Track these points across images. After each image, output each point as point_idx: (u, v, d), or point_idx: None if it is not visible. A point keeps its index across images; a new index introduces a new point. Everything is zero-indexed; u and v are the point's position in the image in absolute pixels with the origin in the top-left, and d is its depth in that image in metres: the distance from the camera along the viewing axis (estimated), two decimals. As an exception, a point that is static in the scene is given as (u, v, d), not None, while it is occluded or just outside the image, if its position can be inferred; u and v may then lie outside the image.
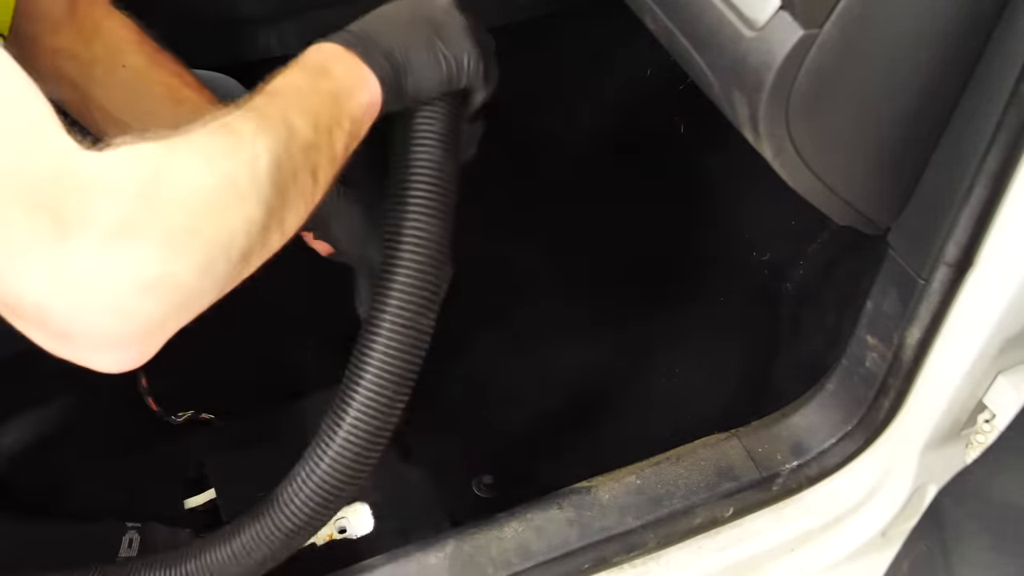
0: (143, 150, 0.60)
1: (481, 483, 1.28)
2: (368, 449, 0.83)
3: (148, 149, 0.60)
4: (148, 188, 0.58)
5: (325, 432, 0.84)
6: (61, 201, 0.55)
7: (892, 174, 0.89)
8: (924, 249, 0.89)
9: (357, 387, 0.82)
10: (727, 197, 1.61)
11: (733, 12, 0.80)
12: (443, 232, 0.87)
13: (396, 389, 0.84)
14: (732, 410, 1.30)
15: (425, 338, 0.85)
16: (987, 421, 1.01)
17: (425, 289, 0.84)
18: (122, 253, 0.56)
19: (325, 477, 0.83)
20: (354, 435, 0.83)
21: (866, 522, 1.08)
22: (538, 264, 1.57)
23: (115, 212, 0.56)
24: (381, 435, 0.84)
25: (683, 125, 1.73)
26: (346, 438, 0.83)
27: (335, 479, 0.83)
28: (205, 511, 1.13)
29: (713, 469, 1.03)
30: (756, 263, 1.52)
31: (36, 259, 0.55)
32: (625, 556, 0.99)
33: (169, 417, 1.27)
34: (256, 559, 0.84)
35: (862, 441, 1.04)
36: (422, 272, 0.84)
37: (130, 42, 1.03)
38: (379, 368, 0.83)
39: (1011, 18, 0.77)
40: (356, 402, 0.82)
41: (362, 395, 0.82)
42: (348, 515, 1.12)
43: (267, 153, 0.66)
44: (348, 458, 0.83)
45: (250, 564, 0.85)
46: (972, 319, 0.91)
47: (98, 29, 1.02)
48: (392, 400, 0.83)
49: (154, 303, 0.59)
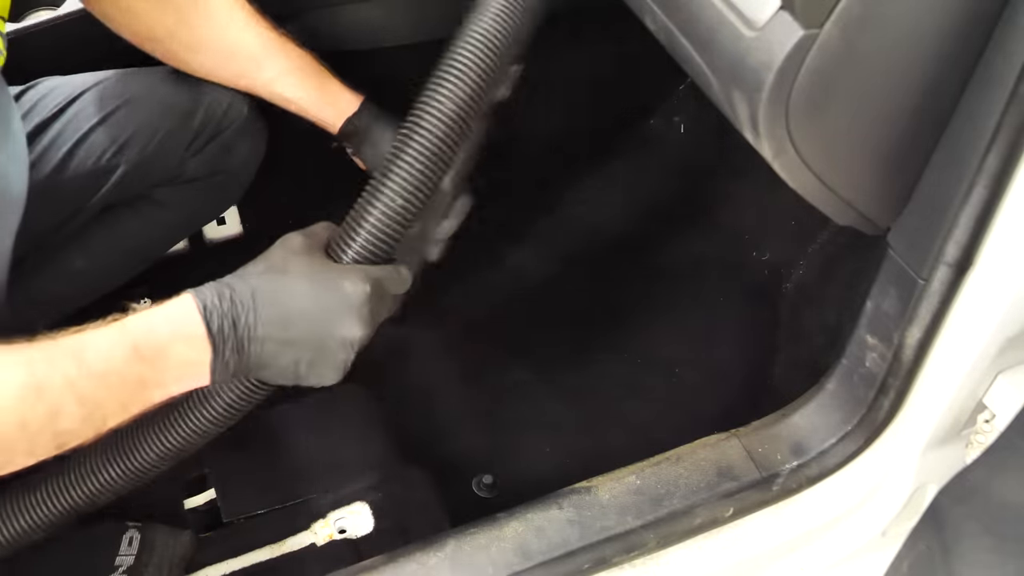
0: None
1: (481, 483, 1.28)
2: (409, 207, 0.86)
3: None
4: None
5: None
6: None
7: (892, 174, 0.89)
8: (924, 249, 0.89)
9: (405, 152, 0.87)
10: (727, 197, 1.61)
11: (733, 12, 0.80)
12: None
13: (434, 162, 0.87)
14: (732, 410, 1.30)
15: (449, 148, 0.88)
16: (987, 421, 1.01)
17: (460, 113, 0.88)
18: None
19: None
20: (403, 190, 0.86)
21: (866, 522, 1.08)
22: (537, 264, 1.57)
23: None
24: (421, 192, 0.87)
25: (683, 125, 1.73)
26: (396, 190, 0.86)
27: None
28: (205, 511, 1.13)
29: (713, 469, 1.03)
30: (756, 263, 1.52)
31: None
32: (625, 556, 0.99)
33: (169, 417, 1.27)
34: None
35: (862, 441, 1.04)
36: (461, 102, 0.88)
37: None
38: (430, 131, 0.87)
39: (1011, 18, 0.77)
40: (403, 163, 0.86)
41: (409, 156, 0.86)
42: (348, 515, 1.12)
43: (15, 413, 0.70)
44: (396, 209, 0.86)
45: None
46: (972, 319, 0.91)
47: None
48: (429, 170, 0.87)
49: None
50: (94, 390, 0.74)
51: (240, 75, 1.17)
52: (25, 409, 0.70)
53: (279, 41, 1.14)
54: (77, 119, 1.15)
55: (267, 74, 1.15)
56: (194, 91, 1.18)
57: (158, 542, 1.04)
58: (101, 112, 1.15)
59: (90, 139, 1.14)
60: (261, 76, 1.15)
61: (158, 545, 1.04)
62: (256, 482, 1.14)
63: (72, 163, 1.14)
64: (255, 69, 1.15)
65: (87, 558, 1.03)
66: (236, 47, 1.14)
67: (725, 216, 1.60)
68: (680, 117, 1.74)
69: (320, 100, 1.16)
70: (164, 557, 1.03)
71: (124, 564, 1.02)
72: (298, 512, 1.12)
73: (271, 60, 1.14)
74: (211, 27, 1.12)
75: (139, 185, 1.19)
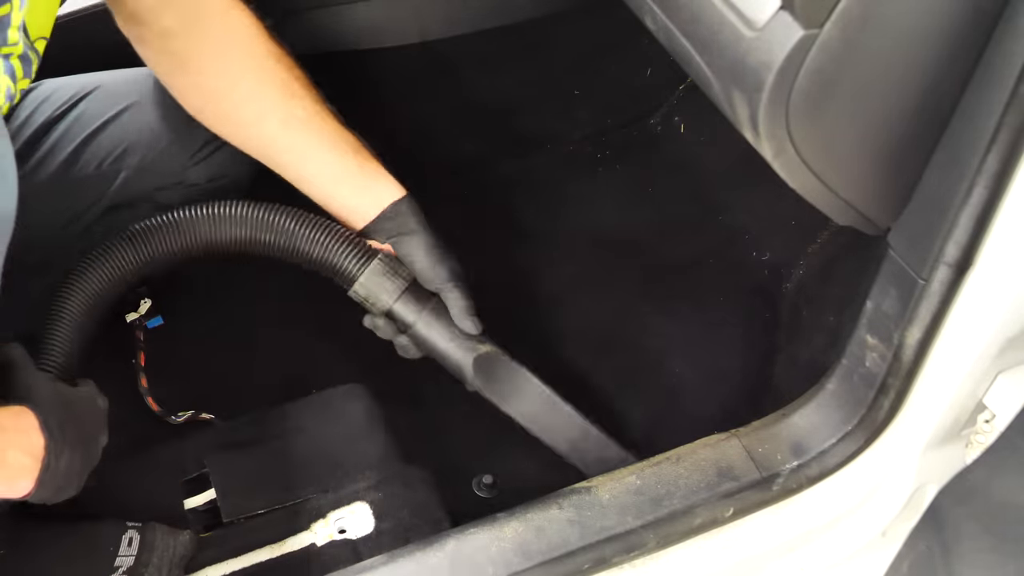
0: None
1: (481, 483, 1.28)
2: None
3: None
4: None
5: None
6: None
7: (892, 174, 0.89)
8: (924, 249, 0.89)
9: None
10: (727, 197, 1.61)
11: (733, 12, 0.80)
12: None
13: None
14: (732, 410, 1.30)
15: None
16: (987, 421, 1.01)
17: None
18: None
19: None
20: None
21: (866, 522, 1.08)
22: (536, 264, 1.57)
23: None
24: None
25: (683, 125, 1.73)
26: None
27: None
28: (205, 511, 1.13)
29: (713, 469, 1.03)
30: (756, 263, 1.52)
31: None
32: (625, 556, 0.99)
33: (169, 417, 1.27)
34: None
35: (862, 441, 1.04)
36: None
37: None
38: None
39: (1011, 18, 0.77)
40: None
41: None
42: (348, 515, 1.12)
43: None
44: None
45: None
46: (972, 319, 0.91)
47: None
48: None
49: None
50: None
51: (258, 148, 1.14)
52: None
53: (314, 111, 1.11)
54: (82, 120, 1.15)
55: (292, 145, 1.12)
56: None
57: (158, 542, 1.04)
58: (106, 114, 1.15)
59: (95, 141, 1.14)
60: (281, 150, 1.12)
61: (158, 545, 1.04)
62: (256, 482, 1.14)
63: (78, 165, 1.14)
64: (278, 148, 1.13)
65: (87, 558, 1.03)
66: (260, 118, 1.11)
67: (725, 216, 1.60)
68: (680, 117, 1.74)
69: (354, 184, 1.12)
70: (164, 557, 1.03)
71: (124, 565, 1.02)
72: (298, 512, 1.12)
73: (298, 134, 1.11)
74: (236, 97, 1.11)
75: (141, 188, 1.19)
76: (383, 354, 1.28)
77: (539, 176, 1.70)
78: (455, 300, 1.13)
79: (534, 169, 1.70)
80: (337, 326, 1.28)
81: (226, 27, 1.08)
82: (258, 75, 1.09)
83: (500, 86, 1.67)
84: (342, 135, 1.12)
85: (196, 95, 1.11)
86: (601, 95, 1.75)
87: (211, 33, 1.07)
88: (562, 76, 1.72)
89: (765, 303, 1.47)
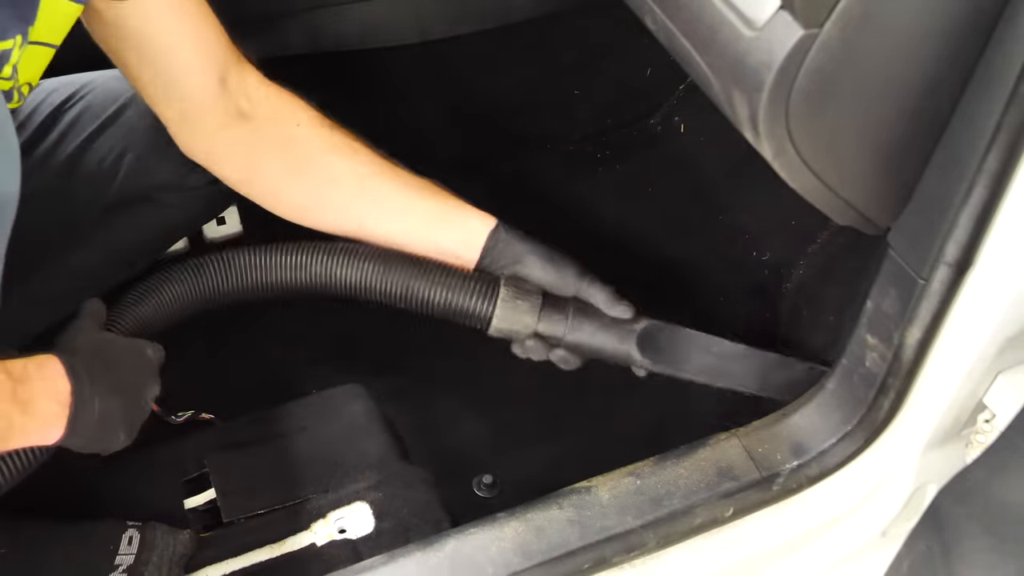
0: None
1: (481, 483, 1.28)
2: None
3: None
4: None
5: None
6: None
7: (892, 174, 0.89)
8: (924, 249, 0.89)
9: None
10: (727, 197, 1.61)
11: (733, 12, 0.80)
12: None
13: None
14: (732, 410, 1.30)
15: None
16: (987, 421, 1.01)
17: None
18: None
19: None
20: None
21: (866, 522, 1.08)
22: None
23: None
24: None
25: (683, 125, 1.73)
26: None
27: None
28: (205, 511, 1.13)
29: (713, 469, 1.03)
30: (756, 263, 1.52)
31: None
32: (625, 556, 0.99)
33: (169, 417, 1.27)
34: None
35: (862, 441, 1.04)
36: None
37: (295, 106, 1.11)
38: None
39: (1011, 18, 0.77)
40: None
41: None
42: (348, 515, 1.12)
43: None
44: None
45: None
46: (972, 319, 0.91)
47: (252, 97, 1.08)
48: None
49: None
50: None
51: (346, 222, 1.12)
52: None
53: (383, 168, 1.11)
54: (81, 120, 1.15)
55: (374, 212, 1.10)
56: None
57: (158, 541, 1.04)
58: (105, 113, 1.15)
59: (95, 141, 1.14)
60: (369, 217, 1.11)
61: (158, 544, 1.04)
62: (256, 482, 1.14)
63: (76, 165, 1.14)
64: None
65: (87, 558, 1.03)
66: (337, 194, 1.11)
67: (725, 216, 1.60)
68: (680, 117, 1.74)
69: (450, 224, 1.11)
70: (164, 557, 1.03)
71: (124, 564, 1.02)
72: (298, 512, 1.12)
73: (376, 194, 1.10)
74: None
75: (141, 188, 1.19)
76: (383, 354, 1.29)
77: (539, 176, 1.70)
78: (597, 293, 1.12)
79: (534, 169, 1.70)
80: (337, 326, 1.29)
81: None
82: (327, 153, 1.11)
83: (500, 86, 1.67)
84: (414, 178, 1.12)
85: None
86: (601, 95, 1.75)
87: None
88: (562, 76, 1.72)
89: (765, 303, 1.47)
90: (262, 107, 1.09)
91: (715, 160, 1.64)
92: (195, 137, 1.09)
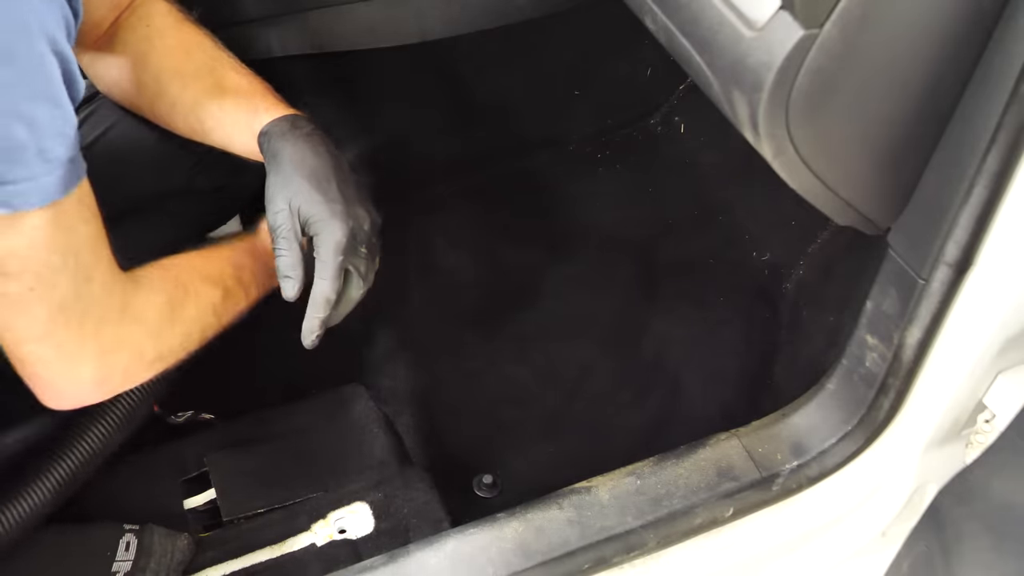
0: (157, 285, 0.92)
1: (481, 483, 1.28)
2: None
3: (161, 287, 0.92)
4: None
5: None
6: (101, 319, 0.84)
7: (892, 174, 0.89)
8: (924, 249, 0.89)
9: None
10: (727, 197, 1.62)
11: (733, 12, 0.80)
12: None
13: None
14: (732, 410, 1.30)
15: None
16: (987, 421, 1.01)
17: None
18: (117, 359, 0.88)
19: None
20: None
21: (866, 522, 1.08)
22: (536, 264, 1.57)
23: (132, 333, 0.88)
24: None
25: (683, 125, 1.73)
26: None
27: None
28: (205, 511, 1.13)
29: (713, 469, 1.03)
30: (756, 263, 1.52)
31: (72, 355, 0.84)
32: (625, 556, 0.99)
33: (169, 417, 1.27)
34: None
35: (862, 441, 1.04)
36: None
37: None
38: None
39: (1011, 18, 0.77)
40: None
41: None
42: (348, 515, 1.12)
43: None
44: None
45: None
46: (972, 319, 0.91)
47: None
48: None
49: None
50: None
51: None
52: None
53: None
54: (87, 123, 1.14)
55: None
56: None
57: (156, 546, 1.04)
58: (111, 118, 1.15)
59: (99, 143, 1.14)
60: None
61: (156, 550, 1.03)
62: (256, 482, 1.14)
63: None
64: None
65: (83, 564, 1.02)
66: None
67: (725, 216, 1.60)
68: (680, 117, 1.74)
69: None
70: (162, 562, 1.03)
71: (121, 570, 1.01)
72: (298, 512, 1.12)
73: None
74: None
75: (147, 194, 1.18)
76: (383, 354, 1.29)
77: (539, 176, 1.70)
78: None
79: (534, 169, 1.70)
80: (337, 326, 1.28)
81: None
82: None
83: (500, 86, 1.67)
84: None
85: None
86: (601, 95, 1.75)
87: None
88: (562, 76, 1.72)
89: (765, 303, 1.47)
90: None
91: (715, 160, 1.64)
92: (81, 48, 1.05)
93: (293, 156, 0.97)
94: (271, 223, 0.97)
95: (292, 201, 0.96)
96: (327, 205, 0.95)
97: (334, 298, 0.97)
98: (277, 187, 0.97)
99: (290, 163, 0.97)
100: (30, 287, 0.78)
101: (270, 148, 0.99)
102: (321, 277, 0.96)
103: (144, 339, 0.90)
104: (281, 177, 0.97)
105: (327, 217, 0.95)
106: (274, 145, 0.98)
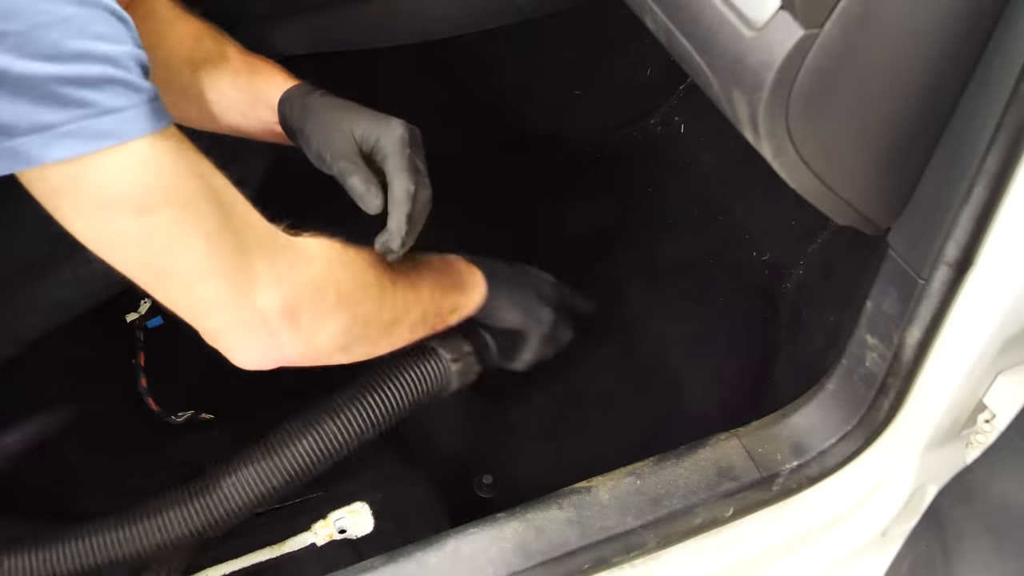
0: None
1: (481, 483, 1.28)
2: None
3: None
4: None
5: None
6: (260, 246, 0.84)
7: (892, 174, 0.89)
8: (924, 249, 0.89)
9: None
10: (727, 197, 1.61)
11: (733, 12, 0.80)
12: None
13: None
14: (732, 410, 1.30)
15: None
16: (987, 421, 1.01)
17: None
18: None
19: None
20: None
21: (866, 522, 1.08)
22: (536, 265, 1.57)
23: (302, 265, 0.87)
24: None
25: (683, 125, 1.73)
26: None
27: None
28: (205, 511, 1.13)
29: (713, 469, 1.03)
30: (756, 263, 1.52)
31: (245, 283, 0.83)
32: (625, 556, 0.99)
33: (169, 417, 1.27)
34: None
35: (862, 441, 1.04)
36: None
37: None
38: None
39: (1011, 18, 0.77)
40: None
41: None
42: (348, 515, 1.12)
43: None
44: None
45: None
46: (972, 319, 0.91)
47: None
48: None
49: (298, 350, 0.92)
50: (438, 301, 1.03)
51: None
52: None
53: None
54: None
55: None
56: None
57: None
58: None
59: None
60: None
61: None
62: (256, 482, 1.14)
63: None
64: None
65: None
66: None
67: (725, 216, 1.60)
68: (680, 117, 1.74)
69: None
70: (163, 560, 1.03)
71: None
72: (298, 512, 1.12)
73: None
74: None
75: None
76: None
77: (539, 176, 1.70)
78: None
79: (534, 169, 1.70)
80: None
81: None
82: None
83: (500, 86, 1.67)
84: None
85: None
86: (601, 95, 1.75)
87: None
88: (562, 76, 1.72)
89: (765, 303, 1.47)
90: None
91: (715, 160, 1.64)
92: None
93: (325, 102, 1.00)
94: (327, 155, 0.97)
95: (343, 128, 0.97)
96: (377, 116, 0.99)
97: (413, 189, 0.96)
98: (320, 126, 0.99)
99: (325, 107, 1.00)
100: (176, 217, 0.77)
101: (297, 108, 1.01)
102: (396, 172, 0.96)
103: (320, 275, 0.88)
104: (321, 123, 0.99)
105: (383, 121, 0.99)
106: (302, 103, 1.01)
